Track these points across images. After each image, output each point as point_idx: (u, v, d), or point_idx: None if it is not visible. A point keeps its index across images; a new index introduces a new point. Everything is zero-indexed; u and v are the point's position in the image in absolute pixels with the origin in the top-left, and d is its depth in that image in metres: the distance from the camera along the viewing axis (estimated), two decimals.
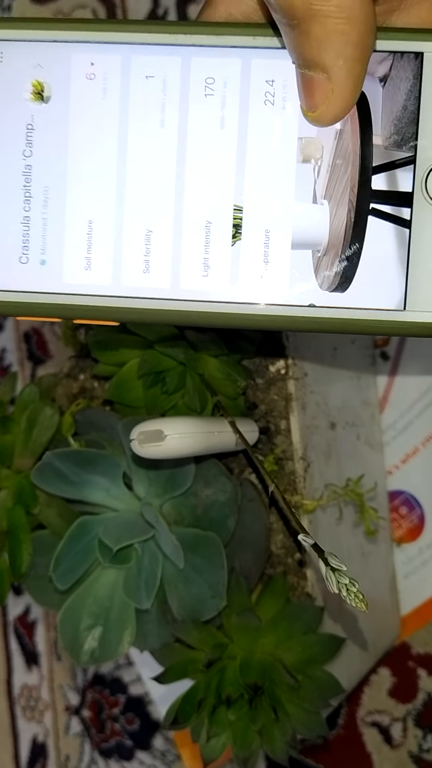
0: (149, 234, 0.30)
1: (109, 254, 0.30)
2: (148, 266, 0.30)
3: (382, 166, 0.29)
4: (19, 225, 0.30)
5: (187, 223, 0.30)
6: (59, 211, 0.30)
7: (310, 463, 0.44)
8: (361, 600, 0.30)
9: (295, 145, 0.29)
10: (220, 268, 0.30)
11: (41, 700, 0.73)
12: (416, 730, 0.55)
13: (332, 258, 0.29)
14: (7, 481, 0.44)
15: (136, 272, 0.30)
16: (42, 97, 0.30)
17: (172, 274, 0.30)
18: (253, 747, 0.41)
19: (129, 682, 0.68)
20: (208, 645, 0.42)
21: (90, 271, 0.30)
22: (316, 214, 0.29)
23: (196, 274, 0.30)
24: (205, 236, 0.30)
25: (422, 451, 0.56)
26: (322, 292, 0.29)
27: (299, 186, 0.29)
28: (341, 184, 0.29)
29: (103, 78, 0.30)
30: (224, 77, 0.29)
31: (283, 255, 0.29)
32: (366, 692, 0.57)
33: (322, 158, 0.29)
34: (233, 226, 0.29)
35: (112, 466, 0.42)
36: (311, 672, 0.42)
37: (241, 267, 0.30)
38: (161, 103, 0.29)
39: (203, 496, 0.42)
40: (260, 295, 0.30)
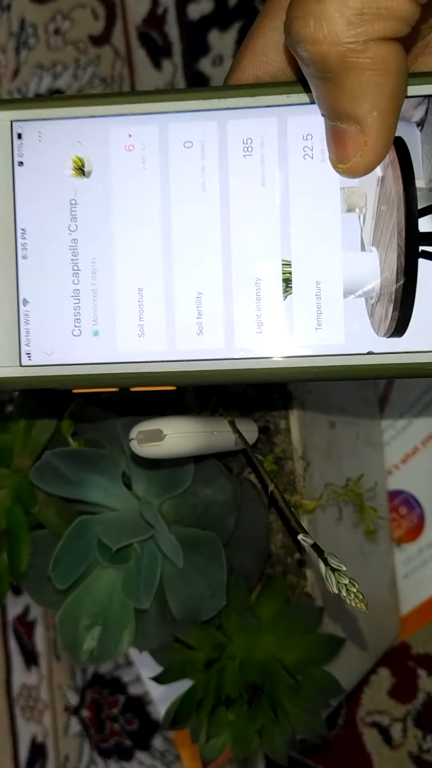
0: (200, 296, 0.30)
1: (161, 320, 0.30)
2: (201, 328, 0.30)
3: (427, 208, 0.29)
4: (69, 298, 0.31)
5: (237, 282, 0.30)
6: (108, 282, 0.31)
7: (309, 463, 0.44)
8: (360, 600, 0.30)
9: (338, 195, 0.29)
10: (273, 324, 0.30)
11: (40, 700, 0.73)
12: (416, 730, 0.55)
13: (386, 304, 0.29)
14: (6, 481, 0.44)
15: (189, 335, 0.30)
16: (83, 172, 0.30)
17: (225, 334, 0.30)
18: (253, 747, 0.41)
19: (128, 682, 0.68)
20: (207, 645, 0.42)
21: (144, 338, 0.30)
22: (365, 262, 0.29)
23: (250, 331, 0.30)
24: (256, 293, 0.30)
25: (422, 450, 0.56)
26: (379, 338, 0.29)
27: (346, 235, 0.29)
28: (388, 230, 0.29)
29: (141, 148, 0.30)
30: (261, 136, 0.30)
31: (336, 305, 0.29)
32: (366, 692, 0.57)
33: (367, 206, 0.29)
34: (283, 281, 0.30)
35: (112, 465, 0.42)
36: (311, 672, 0.42)
37: (295, 321, 0.30)
38: (201, 167, 0.30)
39: (203, 495, 0.42)
40: (317, 347, 0.30)
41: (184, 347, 0.30)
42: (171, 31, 0.66)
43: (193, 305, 0.30)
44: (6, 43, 0.73)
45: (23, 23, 0.72)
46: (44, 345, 0.31)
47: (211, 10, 0.64)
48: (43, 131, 0.30)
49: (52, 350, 0.31)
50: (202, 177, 0.30)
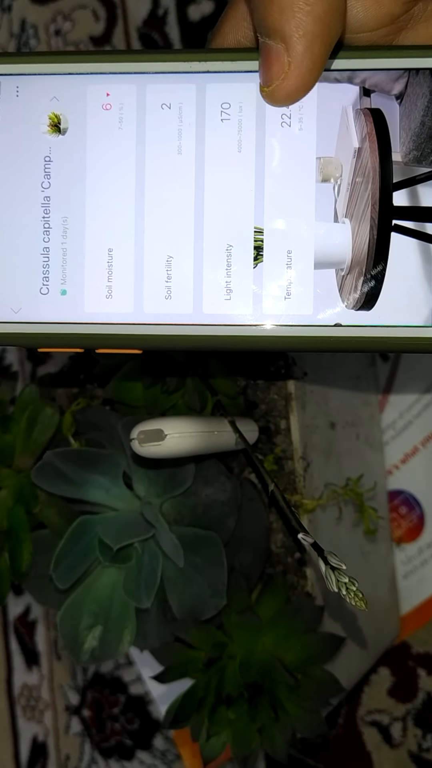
0: (170, 260, 0.30)
1: (130, 282, 0.30)
2: (170, 292, 0.30)
3: (402, 182, 0.29)
4: (38, 256, 0.30)
5: (208, 247, 0.30)
6: (79, 241, 0.30)
7: (309, 463, 0.44)
8: (360, 599, 0.30)
9: (313, 165, 0.29)
10: (242, 291, 0.30)
11: (41, 700, 0.73)
12: (416, 729, 0.56)
13: (356, 276, 0.29)
14: (7, 481, 0.44)
15: (158, 299, 0.30)
16: (59, 129, 0.30)
17: (194, 299, 0.30)
18: (253, 746, 0.41)
19: (129, 682, 0.68)
20: (208, 644, 0.42)
21: (111, 299, 0.30)
22: (337, 233, 0.29)
23: (219, 298, 0.30)
24: (227, 260, 0.30)
25: (422, 450, 0.56)
26: (348, 311, 0.29)
27: (320, 206, 0.29)
28: (362, 202, 0.29)
29: (119, 108, 0.30)
30: (240, 101, 0.29)
31: (306, 275, 0.29)
32: (366, 692, 0.57)
33: (342, 177, 0.29)
34: (255, 249, 0.29)
35: (112, 465, 0.42)
36: (311, 671, 0.42)
37: (265, 289, 0.30)
38: (178, 130, 0.30)
39: (203, 495, 0.42)
40: (285, 316, 0.29)
41: (152, 311, 0.30)
42: (172, 32, 0.66)
43: (162, 269, 0.30)
44: (7, 43, 0.73)
45: (24, 24, 0.72)
46: (11, 302, 0.30)
47: (212, 11, 0.64)
48: (21, 86, 0.30)
49: (19, 307, 0.30)
50: (178, 140, 0.30)
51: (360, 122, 0.29)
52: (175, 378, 0.42)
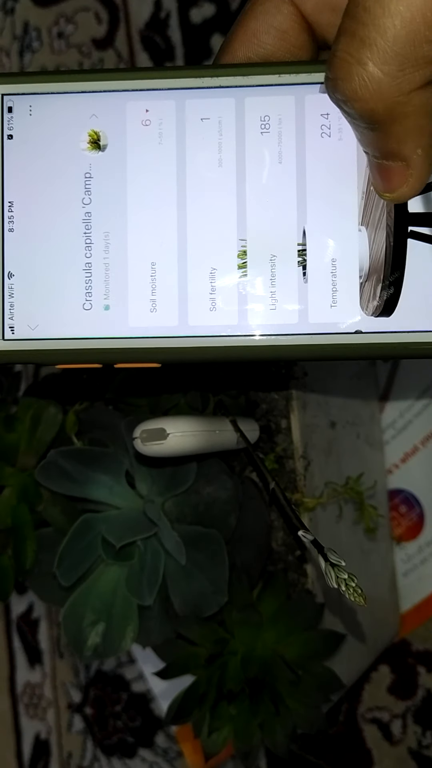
0: (213, 272, 0.30)
1: (174, 295, 0.30)
2: (215, 304, 0.30)
3: None
4: (80, 272, 0.30)
5: (252, 258, 0.30)
6: (121, 256, 0.30)
7: (310, 462, 0.45)
8: (359, 594, 0.30)
9: (355, 173, 0.30)
10: (286, 302, 0.30)
11: (44, 698, 0.74)
12: (416, 726, 0.56)
13: (375, 283, 0.29)
14: (11, 479, 0.45)
15: (202, 311, 0.30)
16: (99, 145, 0.30)
17: (239, 310, 0.30)
18: (254, 741, 0.41)
19: (131, 680, 0.69)
20: (209, 640, 0.42)
21: (156, 312, 0.30)
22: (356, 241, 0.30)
23: (264, 309, 0.30)
24: (271, 270, 0.30)
25: (422, 450, 0.56)
26: (367, 317, 0.29)
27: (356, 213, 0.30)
28: (378, 210, 0.29)
29: (158, 123, 0.30)
30: (279, 114, 0.30)
31: (351, 284, 0.30)
32: (366, 689, 0.58)
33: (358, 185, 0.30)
34: (298, 261, 0.30)
35: (115, 464, 0.43)
36: (311, 667, 0.42)
37: (309, 299, 0.30)
38: (218, 143, 0.30)
39: (205, 493, 0.42)
40: (327, 323, 0.30)
41: (197, 323, 0.30)
42: (173, 35, 0.66)
43: (206, 281, 0.30)
44: (10, 46, 0.73)
45: (27, 26, 0.72)
46: (28, 319, 0.30)
47: (213, 14, 0.65)
48: (60, 104, 0.30)
49: (36, 324, 0.30)
50: (219, 153, 0.30)
51: None
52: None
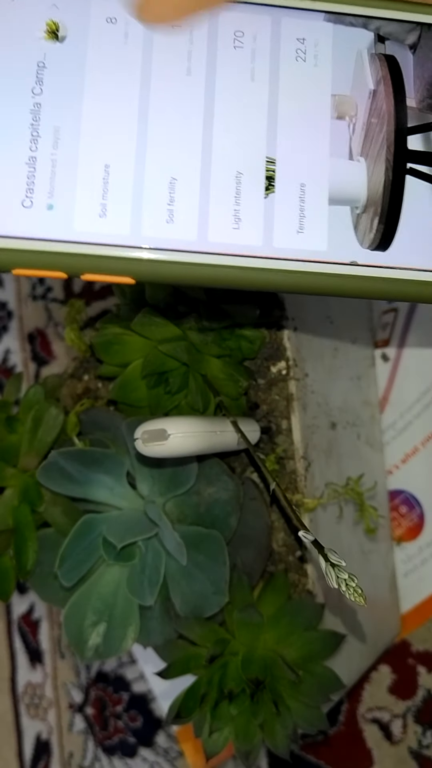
0: (173, 182, 0.28)
1: (127, 201, 0.28)
2: (172, 216, 0.28)
3: (417, 127, 0.29)
4: (23, 165, 0.28)
5: (216, 172, 0.28)
6: (71, 154, 0.28)
7: (310, 463, 0.45)
8: (360, 594, 0.30)
9: (328, 101, 0.29)
10: (252, 221, 0.28)
11: (45, 698, 0.74)
12: (416, 726, 0.56)
13: (372, 216, 0.28)
14: (12, 480, 0.45)
15: (158, 221, 0.27)
16: (57, 36, 0.28)
17: (199, 225, 0.28)
18: (255, 741, 0.41)
19: (132, 680, 0.69)
20: (210, 641, 0.42)
21: (105, 218, 0.28)
22: (352, 170, 0.29)
23: (226, 225, 0.28)
24: (236, 187, 0.28)
25: (422, 450, 0.56)
26: (363, 249, 0.28)
27: (334, 141, 0.29)
28: (377, 143, 0.29)
29: (124, 23, 0.28)
30: (254, 31, 0.29)
31: (320, 209, 0.28)
32: (366, 689, 0.58)
33: (357, 116, 0.29)
34: (266, 178, 0.28)
35: (116, 465, 0.43)
36: (312, 667, 0.42)
37: (276, 220, 0.28)
38: (188, 51, 0.28)
39: (206, 494, 0.42)
40: (298, 250, 0.28)
41: (151, 234, 0.27)
42: None
43: (165, 190, 0.28)
44: None
45: None
46: None
47: None
48: None
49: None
50: (188, 61, 0.28)
51: (375, 66, 0.29)
52: (178, 378, 0.42)
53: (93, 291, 0.70)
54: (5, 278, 0.76)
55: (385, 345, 0.57)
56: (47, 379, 0.49)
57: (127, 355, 0.44)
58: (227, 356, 0.44)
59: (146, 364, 0.43)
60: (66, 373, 0.52)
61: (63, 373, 0.52)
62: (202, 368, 0.43)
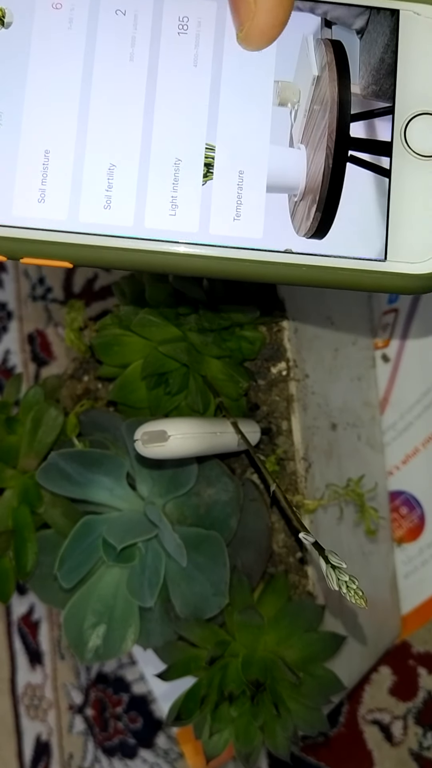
0: (112, 168, 0.28)
1: (66, 187, 0.28)
2: (110, 202, 0.28)
3: (360, 114, 0.29)
4: None
5: (155, 159, 0.28)
6: (12, 140, 0.28)
7: (311, 464, 0.45)
8: (360, 597, 0.30)
9: (270, 87, 0.29)
10: (189, 208, 0.28)
11: (45, 699, 0.74)
12: (416, 727, 0.56)
13: (310, 204, 0.28)
14: (12, 481, 0.45)
15: (95, 207, 0.28)
16: (2, 22, 0.29)
17: (136, 211, 0.28)
18: (255, 743, 0.41)
19: (132, 681, 0.69)
20: (210, 642, 0.42)
21: (44, 203, 0.28)
22: (292, 158, 0.29)
23: (163, 212, 0.28)
24: (174, 174, 0.28)
25: (422, 451, 0.56)
26: (299, 237, 0.28)
27: (275, 129, 0.29)
28: (319, 130, 0.29)
29: (70, 8, 0.29)
30: (198, 17, 0.29)
31: (257, 197, 0.28)
32: (367, 690, 0.58)
33: (299, 103, 0.29)
34: (204, 165, 0.28)
35: (116, 466, 0.43)
36: (312, 669, 0.42)
37: (213, 207, 0.28)
38: (131, 37, 0.29)
39: (206, 495, 0.42)
40: (234, 238, 0.28)
41: (88, 219, 0.28)
42: None
43: (103, 176, 0.28)
44: None
45: None
46: None
47: None
48: None
49: None
50: (131, 47, 0.29)
51: (320, 51, 0.29)
52: (178, 379, 0.42)
53: (93, 292, 0.70)
54: (5, 279, 0.76)
55: (385, 346, 0.57)
56: (47, 380, 0.49)
57: (127, 356, 0.44)
58: (227, 357, 0.44)
59: (146, 365, 0.43)
60: (66, 373, 0.52)
61: (63, 374, 0.52)
62: (202, 369, 0.43)
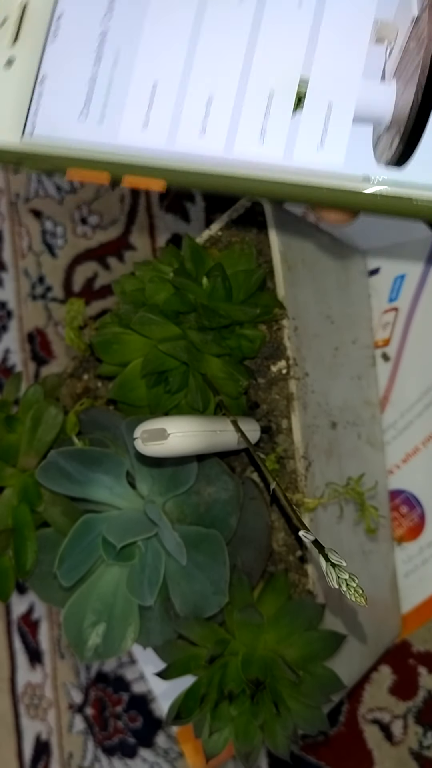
0: (210, 99, 0.31)
1: (167, 116, 0.31)
2: (205, 129, 0.31)
3: None
4: (85, 84, 0.32)
5: (251, 91, 0.31)
6: (126, 73, 0.32)
7: (311, 462, 0.45)
8: (360, 595, 0.30)
9: (370, 26, 0.30)
10: (276, 136, 0.30)
11: (45, 698, 0.74)
12: (416, 727, 0.56)
13: (393, 135, 0.30)
14: (12, 480, 0.45)
15: (191, 134, 0.31)
16: None
17: (227, 138, 0.31)
18: (255, 742, 0.41)
19: (132, 680, 0.69)
20: (210, 641, 0.42)
21: (147, 130, 0.31)
22: (382, 92, 0.30)
23: (252, 140, 0.30)
24: (267, 105, 0.30)
25: (422, 450, 0.56)
26: (378, 166, 0.30)
27: (369, 64, 0.30)
28: (412, 66, 0.30)
29: None
30: None
31: (343, 128, 0.30)
32: (367, 690, 0.58)
33: (396, 41, 0.30)
34: (296, 98, 0.30)
35: (116, 464, 0.43)
36: (312, 668, 0.42)
37: (299, 136, 0.30)
38: None
39: (206, 494, 0.42)
40: (316, 164, 0.30)
41: (184, 144, 0.31)
42: None
43: (202, 106, 0.31)
44: None
45: None
46: (49, 123, 0.32)
47: None
48: None
49: (56, 130, 0.32)
50: None
51: None
52: (178, 378, 0.42)
53: (93, 290, 0.70)
54: (5, 278, 0.76)
55: (385, 344, 0.57)
56: (47, 378, 0.49)
57: (127, 355, 0.44)
58: (227, 355, 0.43)
59: (146, 363, 0.43)
60: (65, 372, 0.52)
61: (62, 372, 0.52)
62: (201, 367, 0.43)
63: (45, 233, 0.73)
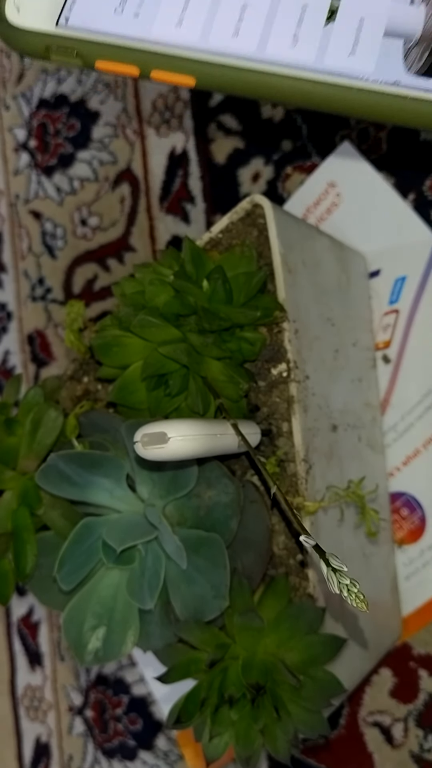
0: (246, 5, 0.32)
1: (202, 16, 0.32)
2: (239, 32, 0.32)
3: None
4: None
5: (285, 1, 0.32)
6: None
7: (311, 465, 0.45)
8: (361, 600, 0.30)
9: None
10: (308, 41, 0.31)
11: (45, 701, 0.74)
12: (417, 730, 0.56)
13: (423, 49, 0.31)
14: (11, 483, 0.45)
15: (225, 35, 0.32)
16: None
17: (260, 40, 0.32)
18: (256, 746, 0.41)
19: (132, 683, 0.69)
20: (210, 645, 0.42)
21: (180, 27, 0.32)
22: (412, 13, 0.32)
23: (284, 43, 0.31)
24: (300, 15, 0.32)
25: (423, 453, 0.56)
26: (408, 73, 0.31)
27: None
28: None
29: None
30: None
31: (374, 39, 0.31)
32: (367, 693, 0.57)
33: None
34: (329, 11, 0.32)
35: (116, 467, 0.43)
36: (313, 672, 0.42)
37: (331, 44, 0.31)
38: None
39: (206, 497, 0.42)
40: (346, 68, 0.31)
41: (216, 42, 0.32)
42: None
43: (237, 11, 0.32)
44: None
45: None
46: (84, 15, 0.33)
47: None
48: None
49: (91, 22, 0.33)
50: None
51: None
52: (178, 381, 0.42)
53: (92, 292, 0.70)
54: (5, 279, 0.76)
55: (386, 347, 0.57)
56: (46, 380, 0.49)
57: (127, 357, 0.44)
58: (227, 358, 0.43)
59: (146, 366, 0.42)
60: (65, 374, 0.51)
61: (62, 374, 0.52)
62: (202, 370, 0.43)
63: (45, 235, 0.73)
